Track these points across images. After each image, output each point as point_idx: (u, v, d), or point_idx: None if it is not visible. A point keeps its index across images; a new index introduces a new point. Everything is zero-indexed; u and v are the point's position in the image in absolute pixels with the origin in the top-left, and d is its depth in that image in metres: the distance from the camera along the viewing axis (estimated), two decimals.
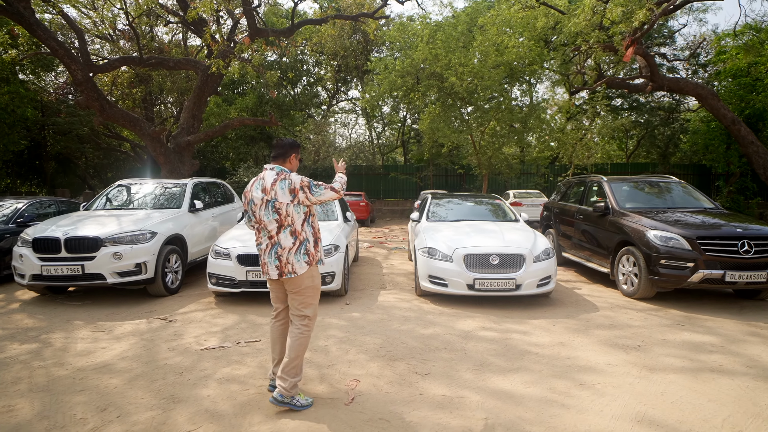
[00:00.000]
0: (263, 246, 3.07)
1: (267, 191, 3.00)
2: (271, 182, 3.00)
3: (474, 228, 6.26)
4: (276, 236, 3.01)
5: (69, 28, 19.00)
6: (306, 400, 3.03)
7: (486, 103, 14.83)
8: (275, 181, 3.00)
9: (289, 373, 2.98)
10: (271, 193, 2.98)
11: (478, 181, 21.71)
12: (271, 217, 2.99)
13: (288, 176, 3.00)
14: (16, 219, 7.27)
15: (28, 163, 27.27)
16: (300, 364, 3.04)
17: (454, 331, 4.60)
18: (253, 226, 3.17)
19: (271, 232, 3.02)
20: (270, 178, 3.03)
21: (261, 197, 3.02)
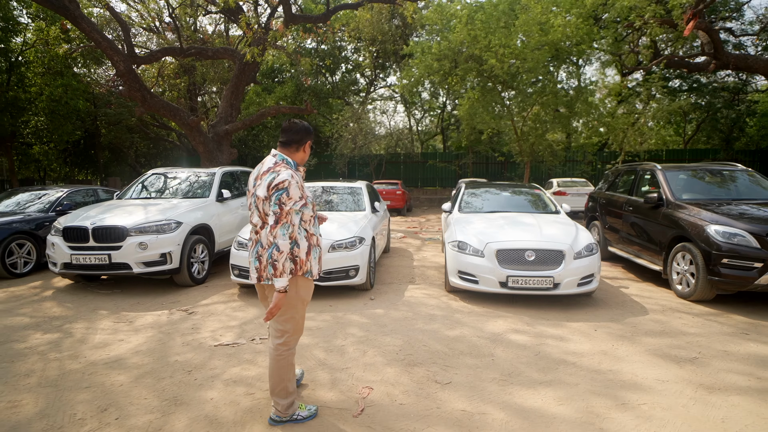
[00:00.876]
0: (250, 243, 2.69)
1: (258, 179, 2.60)
2: (264, 171, 2.58)
3: (509, 220, 5.81)
4: (259, 233, 2.59)
5: (114, 19, 19.60)
6: (308, 411, 2.78)
7: (529, 86, 14.03)
8: (268, 170, 2.56)
9: (279, 395, 2.68)
10: (257, 183, 2.58)
11: (519, 169, 20.84)
12: (255, 210, 2.60)
13: (279, 170, 2.52)
14: (55, 207, 7.48)
15: (84, 152, 28.74)
16: (287, 386, 2.68)
17: (483, 334, 4.23)
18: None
19: (257, 227, 2.61)
20: (266, 166, 2.61)
21: (252, 185, 2.64)
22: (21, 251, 6.72)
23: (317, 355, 3.75)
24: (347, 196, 7.17)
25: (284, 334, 2.65)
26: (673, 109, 14.96)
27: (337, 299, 5.40)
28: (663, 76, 15.30)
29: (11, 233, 6.57)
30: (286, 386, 2.68)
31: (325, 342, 4.03)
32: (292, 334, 2.69)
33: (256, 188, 2.57)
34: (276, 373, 2.65)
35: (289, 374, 2.70)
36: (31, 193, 8.04)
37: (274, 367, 2.65)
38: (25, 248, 6.78)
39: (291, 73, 27.36)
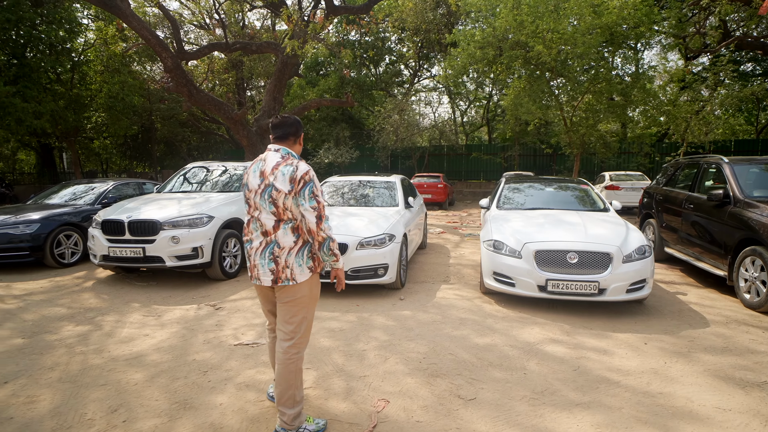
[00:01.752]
0: (254, 244, 2.54)
1: (266, 175, 2.48)
2: (273, 165, 2.48)
3: (551, 219, 5.37)
4: (273, 233, 2.48)
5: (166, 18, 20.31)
6: (316, 425, 2.59)
7: (580, 74, 13.17)
8: (278, 164, 2.47)
9: (285, 404, 2.51)
10: (270, 178, 2.46)
11: (569, 162, 19.83)
12: (267, 208, 2.48)
13: (295, 162, 2.47)
14: (101, 200, 7.76)
15: (142, 146, 30.24)
16: (294, 394, 2.52)
17: (516, 343, 3.90)
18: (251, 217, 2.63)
19: (267, 228, 2.49)
20: (273, 160, 2.50)
21: (258, 182, 2.50)
22: (68, 242, 7.01)
23: (336, 360, 3.57)
24: (381, 191, 6.95)
25: (295, 335, 2.54)
26: (744, 95, 13.60)
27: (365, 299, 5.21)
28: (733, 59, 13.89)
29: (60, 225, 6.86)
30: (294, 394, 2.52)
31: (346, 345, 3.85)
32: (302, 335, 2.57)
33: (275, 182, 2.44)
34: (284, 379, 2.50)
35: (297, 381, 2.54)
36: (81, 186, 8.39)
37: (283, 372, 2.51)
38: (72, 239, 7.06)
39: (334, 66, 27.42)
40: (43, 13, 18.48)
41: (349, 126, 25.76)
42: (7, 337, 4.05)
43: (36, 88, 18.16)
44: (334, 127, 25.53)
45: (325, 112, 25.13)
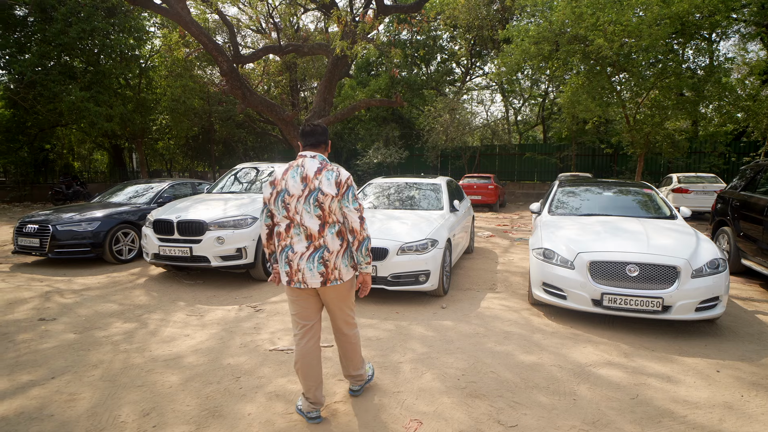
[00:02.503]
0: (297, 249, 2.60)
1: (309, 180, 2.57)
2: (315, 171, 2.59)
3: (609, 226, 4.94)
4: (320, 237, 2.59)
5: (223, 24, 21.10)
6: (370, 368, 3.27)
7: (645, 68, 12.25)
8: (320, 170, 2.59)
9: (357, 367, 3.00)
10: (315, 182, 2.56)
11: (632, 163, 18.60)
12: (312, 212, 2.56)
13: (335, 167, 2.63)
14: (157, 200, 8.10)
15: (202, 146, 31.73)
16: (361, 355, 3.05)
17: (566, 363, 3.58)
18: (276, 222, 2.68)
19: (312, 231, 2.58)
20: (313, 166, 2.61)
21: (301, 187, 2.57)
22: (126, 239, 7.35)
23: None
24: (426, 193, 6.74)
25: (353, 319, 2.91)
26: None
27: (405, 306, 5.04)
28: None
29: (118, 223, 7.21)
30: (361, 356, 3.04)
31: (382, 356, 3.70)
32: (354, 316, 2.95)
33: (321, 186, 2.56)
34: (355, 352, 2.95)
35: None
36: (140, 186, 8.82)
37: (355, 348, 2.94)
38: (129, 237, 7.41)
39: (385, 67, 27.40)
40: (115, 22, 19.76)
41: (398, 126, 25.65)
42: (61, 332, 4.24)
43: (107, 93, 19.46)
44: (384, 127, 25.51)
45: (375, 112, 25.17)
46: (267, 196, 2.69)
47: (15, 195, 21.80)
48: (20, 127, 21.88)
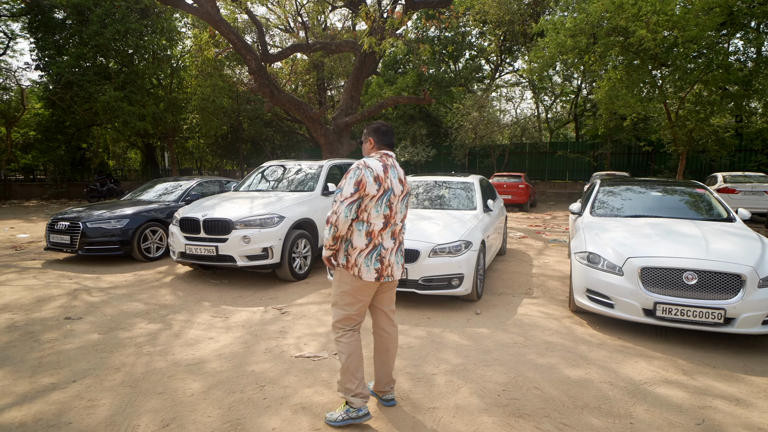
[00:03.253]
0: (388, 245, 2.71)
1: (404, 182, 2.79)
2: (403, 173, 2.85)
3: (660, 229, 4.55)
4: (400, 235, 2.81)
5: (252, 23, 21.24)
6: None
7: (689, 61, 11.55)
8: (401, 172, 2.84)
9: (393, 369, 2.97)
10: (407, 185, 2.83)
11: (671, 161, 17.73)
12: (402, 211, 2.80)
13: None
14: (185, 197, 8.08)
15: (230, 145, 32.18)
16: None
17: (617, 380, 3.25)
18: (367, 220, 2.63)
19: (398, 228, 2.78)
20: (399, 168, 2.82)
21: (400, 188, 2.74)
22: (154, 237, 7.34)
23: (401, 384, 3.18)
24: (458, 192, 6.45)
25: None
26: None
27: (437, 311, 4.78)
28: None
29: (146, 220, 7.21)
30: None
31: (414, 367, 3.45)
32: None
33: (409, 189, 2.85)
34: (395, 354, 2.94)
35: None
36: (169, 183, 8.83)
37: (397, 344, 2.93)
38: (157, 234, 7.39)
39: (413, 64, 27.08)
40: (148, 24, 20.15)
41: (426, 124, 25.30)
42: (86, 332, 4.17)
43: (140, 93, 19.86)
44: (411, 125, 25.21)
45: (402, 110, 24.90)
46: (373, 192, 2.57)
47: (53, 192, 22.54)
48: (58, 126, 22.62)
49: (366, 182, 2.55)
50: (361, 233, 2.63)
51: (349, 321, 2.73)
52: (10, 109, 22.02)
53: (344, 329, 2.73)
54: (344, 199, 2.56)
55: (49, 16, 19.55)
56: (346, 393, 2.69)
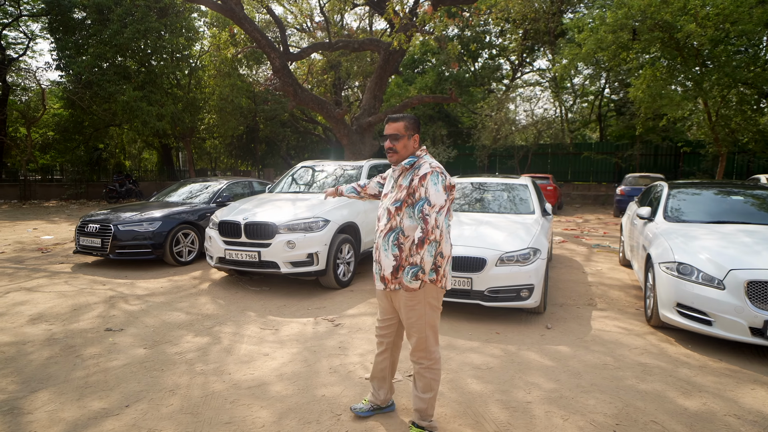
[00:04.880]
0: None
1: None
2: None
3: (759, 237, 4.10)
4: None
5: (273, 23, 21.02)
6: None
7: (734, 59, 11.00)
8: None
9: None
10: None
11: (704, 163, 17.12)
12: None
13: None
14: (216, 199, 7.76)
15: (246, 145, 32.02)
16: None
17: (743, 413, 2.83)
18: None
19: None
20: None
21: None
22: (186, 240, 7.03)
23: (495, 413, 2.80)
24: (512, 194, 6.04)
25: None
26: None
27: (504, 325, 4.38)
28: None
29: (179, 223, 6.90)
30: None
31: (502, 393, 3.06)
32: None
33: None
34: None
35: None
36: (197, 184, 8.53)
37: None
38: (189, 238, 7.08)
39: (431, 63, 26.68)
40: (167, 23, 19.98)
41: (445, 124, 24.86)
42: (130, 346, 3.84)
43: (159, 93, 19.69)
44: (431, 126, 24.77)
45: (420, 110, 24.50)
46: (452, 197, 2.45)
47: (72, 192, 22.48)
48: (77, 126, 22.56)
49: (451, 185, 2.41)
50: (448, 240, 2.41)
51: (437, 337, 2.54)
52: (30, 109, 21.99)
53: (437, 351, 2.49)
54: (440, 209, 2.33)
55: (68, 16, 19.47)
56: (429, 421, 2.54)
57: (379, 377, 2.74)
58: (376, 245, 2.54)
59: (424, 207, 2.32)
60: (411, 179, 2.43)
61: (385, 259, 2.47)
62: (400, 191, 2.47)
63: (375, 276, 2.57)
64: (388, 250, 2.45)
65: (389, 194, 2.55)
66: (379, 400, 2.77)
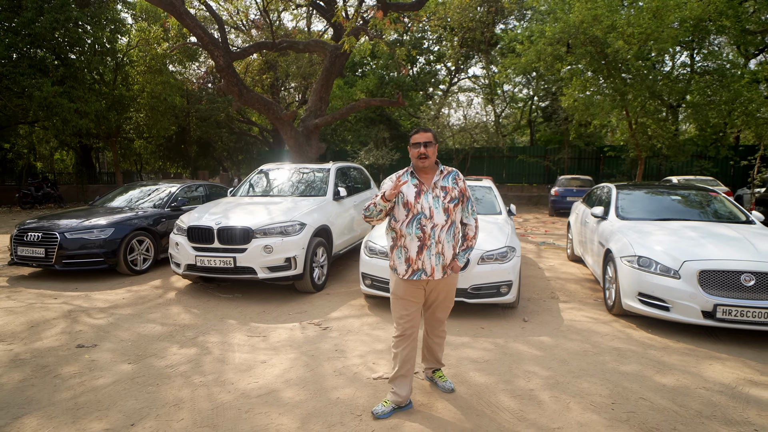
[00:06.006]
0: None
1: None
2: None
3: (701, 232, 4.68)
4: None
5: (210, 19, 20.19)
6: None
7: (650, 74, 12.29)
8: None
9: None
10: None
11: (623, 165, 18.87)
12: None
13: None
14: (170, 203, 7.36)
15: (176, 147, 30.32)
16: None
17: (709, 384, 3.25)
18: None
19: None
20: None
21: None
22: (141, 248, 6.60)
23: (506, 403, 2.98)
24: (479, 196, 6.36)
25: None
26: None
27: (487, 320, 4.62)
28: None
29: (133, 229, 6.46)
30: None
31: (505, 383, 3.26)
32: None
33: None
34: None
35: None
36: (144, 189, 8.01)
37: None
38: (144, 245, 6.66)
39: (371, 67, 26.96)
40: (88, 13, 18.45)
41: (387, 128, 25.24)
42: (112, 362, 3.58)
43: (81, 89, 18.14)
44: (372, 129, 25.02)
45: (362, 113, 24.67)
46: None
47: None
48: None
49: None
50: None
51: None
52: None
53: None
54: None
55: None
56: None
57: (407, 374, 2.87)
58: (437, 239, 2.73)
59: (472, 204, 2.92)
60: (455, 180, 2.84)
61: (448, 250, 2.76)
62: (450, 191, 2.79)
63: (428, 267, 2.73)
64: (451, 242, 2.77)
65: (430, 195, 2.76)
66: (401, 398, 2.85)
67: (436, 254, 2.73)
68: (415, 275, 2.74)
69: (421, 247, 2.72)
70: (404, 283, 2.80)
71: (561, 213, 15.55)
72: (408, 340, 2.83)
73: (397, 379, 2.87)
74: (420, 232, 2.72)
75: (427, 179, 2.80)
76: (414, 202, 2.74)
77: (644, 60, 12.03)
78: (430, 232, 2.71)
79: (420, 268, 2.73)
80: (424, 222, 2.71)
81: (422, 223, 2.71)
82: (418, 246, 2.72)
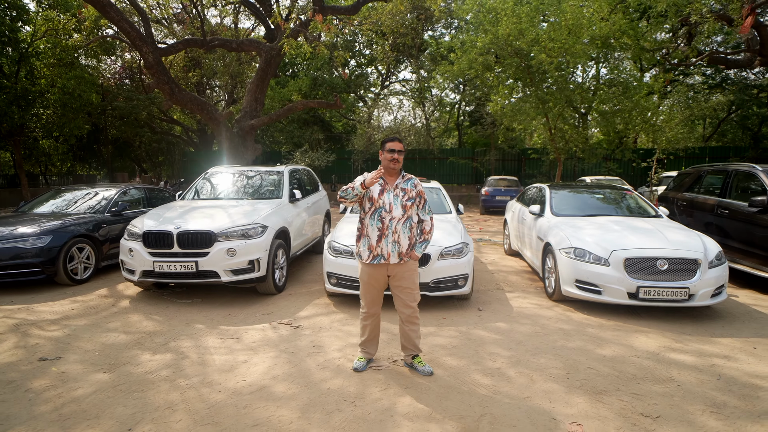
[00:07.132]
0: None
1: None
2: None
3: (624, 225, 5.44)
4: None
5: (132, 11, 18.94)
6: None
7: (567, 84, 13.63)
8: None
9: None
10: None
11: (543, 166, 20.55)
12: None
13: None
14: (110, 208, 6.98)
15: (87, 146, 27.97)
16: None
17: (638, 353, 3.87)
18: None
19: None
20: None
21: None
22: (81, 256, 6.23)
23: (480, 380, 3.36)
24: (431, 196, 6.76)
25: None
26: (709, 106, 14.69)
27: (447, 311, 5.02)
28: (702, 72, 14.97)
29: (73, 236, 6.08)
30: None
31: (476, 364, 3.65)
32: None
33: None
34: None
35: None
36: (77, 193, 7.50)
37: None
38: (84, 252, 6.29)
39: (303, 67, 26.80)
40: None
41: (321, 129, 25.24)
42: (85, 372, 3.47)
43: None
44: (306, 130, 24.91)
45: (296, 114, 24.45)
46: None
47: None
48: None
49: None
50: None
51: None
52: None
53: None
54: None
55: None
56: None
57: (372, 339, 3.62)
58: (394, 229, 3.29)
59: (428, 205, 3.54)
60: (414, 185, 3.46)
61: (404, 240, 3.33)
62: (408, 192, 3.39)
63: (385, 252, 3.28)
64: (407, 233, 3.34)
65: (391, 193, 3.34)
66: (370, 354, 3.66)
67: (392, 242, 3.29)
68: (375, 260, 3.31)
69: (380, 236, 3.28)
70: (368, 268, 3.35)
71: (491, 211, 16.61)
72: (373, 317, 3.50)
73: (365, 342, 3.60)
74: (380, 223, 3.29)
75: (391, 180, 3.40)
76: (377, 198, 3.32)
77: (561, 71, 13.28)
78: (388, 224, 3.29)
79: (379, 253, 3.29)
80: (383, 215, 3.29)
81: (382, 216, 3.29)
82: (378, 235, 3.29)
